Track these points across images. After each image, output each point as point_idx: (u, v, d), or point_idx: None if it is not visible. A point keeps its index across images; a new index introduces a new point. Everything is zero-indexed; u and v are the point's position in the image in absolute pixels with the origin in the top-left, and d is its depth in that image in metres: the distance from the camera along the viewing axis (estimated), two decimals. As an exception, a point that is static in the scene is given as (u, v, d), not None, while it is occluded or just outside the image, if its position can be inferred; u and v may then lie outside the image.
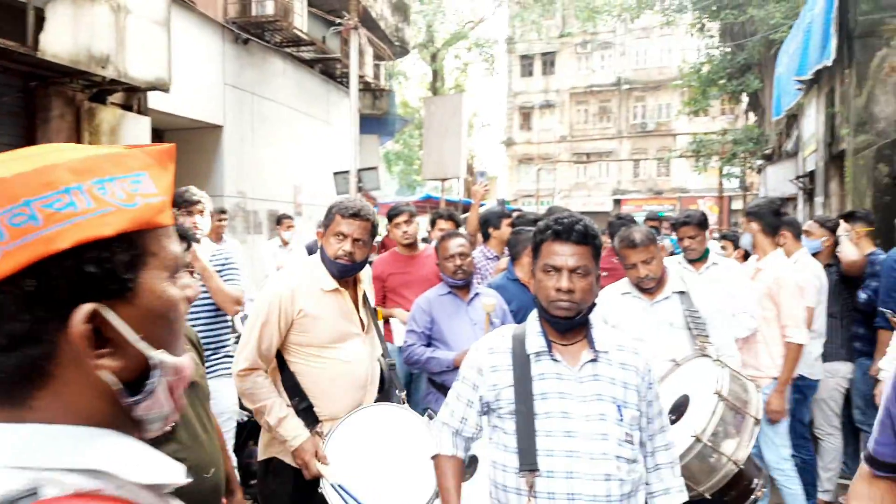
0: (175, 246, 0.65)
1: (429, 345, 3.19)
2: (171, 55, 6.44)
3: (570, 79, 32.39)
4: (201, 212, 3.38)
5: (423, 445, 2.11)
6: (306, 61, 11.05)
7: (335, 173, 9.74)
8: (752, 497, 2.30)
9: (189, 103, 7.98)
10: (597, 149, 32.06)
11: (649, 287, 2.81)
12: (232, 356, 3.34)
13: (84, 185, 0.57)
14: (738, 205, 23.99)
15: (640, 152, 31.42)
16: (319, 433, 2.32)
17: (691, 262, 3.72)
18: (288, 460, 2.35)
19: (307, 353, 2.38)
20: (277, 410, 2.30)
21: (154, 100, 6.92)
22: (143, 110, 6.83)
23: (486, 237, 4.65)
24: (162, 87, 6.39)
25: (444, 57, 26.39)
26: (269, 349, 2.35)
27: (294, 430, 2.29)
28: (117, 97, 6.47)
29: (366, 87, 12.60)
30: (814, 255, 3.94)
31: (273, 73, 10.12)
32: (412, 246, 4.22)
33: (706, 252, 3.73)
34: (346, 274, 2.43)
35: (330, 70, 11.81)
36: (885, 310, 3.30)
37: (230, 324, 3.40)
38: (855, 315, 3.87)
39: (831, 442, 3.85)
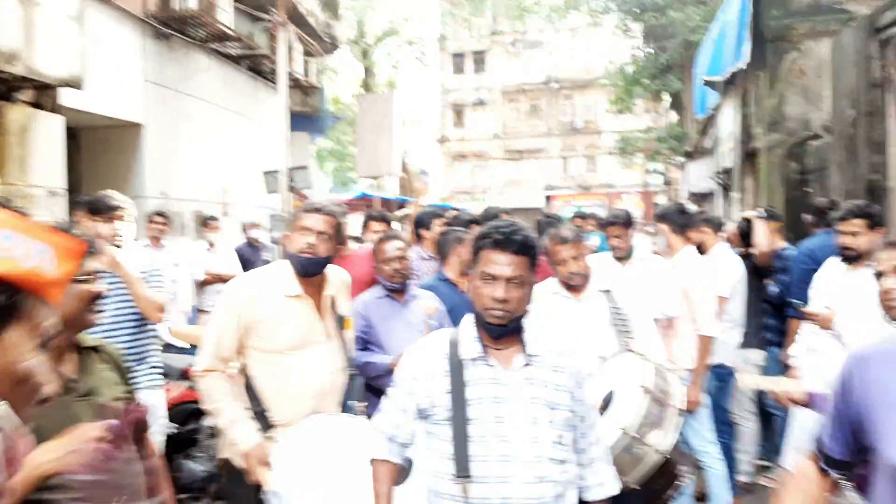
0: (49, 319, 0.66)
1: (365, 349, 3.18)
2: (87, 51, 6.12)
3: (502, 77, 32.84)
4: (121, 217, 3.25)
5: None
6: (233, 57, 10.71)
7: (265, 172, 9.51)
8: (678, 482, 2.41)
9: (106, 101, 7.60)
10: (528, 146, 32.66)
11: (578, 284, 2.90)
12: (158, 367, 3.22)
13: None
14: (662, 200, 25.01)
15: (568, 149, 32.24)
16: (271, 438, 2.31)
17: (618, 259, 3.86)
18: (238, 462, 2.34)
19: (264, 358, 2.40)
20: (229, 413, 2.32)
21: (69, 97, 6.54)
22: (55, 109, 6.45)
23: (419, 238, 4.65)
24: (74, 85, 6.07)
25: (374, 53, 26.21)
26: (226, 352, 2.38)
27: (243, 434, 2.29)
28: (27, 95, 6.10)
29: (295, 84, 12.34)
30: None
31: (197, 70, 9.76)
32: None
33: (631, 250, 3.88)
34: (309, 268, 2.41)
35: (258, 67, 11.50)
36: (795, 301, 3.53)
37: (155, 332, 3.27)
38: (765, 306, 4.11)
39: (747, 426, 4.09)
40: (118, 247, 3.10)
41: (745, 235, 4.37)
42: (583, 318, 2.87)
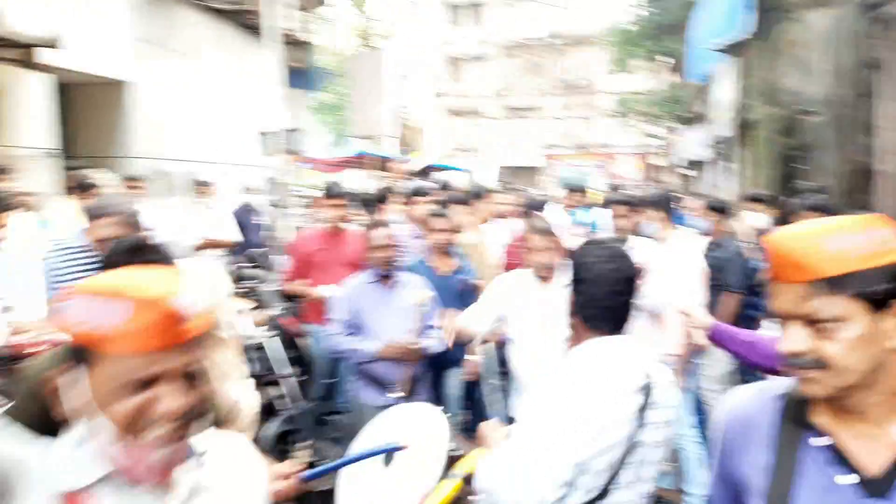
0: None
1: (353, 333, 3.22)
2: (71, 9, 5.96)
3: (503, 31, 32.08)
4: (98, 193, 3.27)
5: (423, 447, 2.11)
6: (223, 12, 10.42)
7: (262, 133, 9.36)
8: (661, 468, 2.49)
9: (92, 58, 7.44)
10: (528, 104, 32.19)
11: (545, 275, 2.97)
12: None
13: None
14: (658, 162, 24.88)
15: (567, 108, 31.78)
16: None
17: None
18: None
19: None
20: None
21: (55, 56, 6.40)
22: (41, 67, 6.32)
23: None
24: (53, 44, 5.90)
25: (366, 4, 25.51)
26: None
27: None
28: (10, 53, 5.96)
29: (288, 40, 12.04)
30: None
31: (185, 26, 9.51)
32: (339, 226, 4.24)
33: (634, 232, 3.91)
34: None
35: (249, 22, 11.19)
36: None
37: None
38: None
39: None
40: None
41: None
42: (551, 306, 2.91)
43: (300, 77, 13.15)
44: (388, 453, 2.11)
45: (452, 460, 2.48)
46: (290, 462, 1.68)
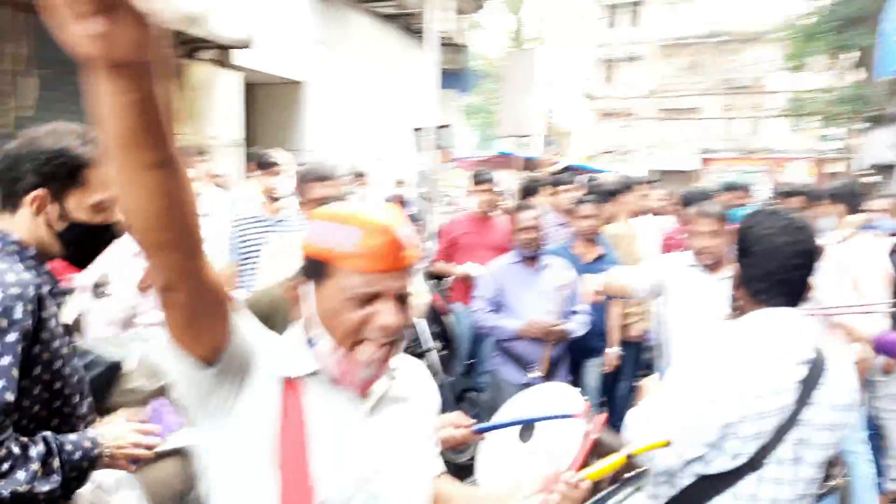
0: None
1: (494, 312, 3.32)
2: (259, 14, 6.68)
3: (659, 30, 30.73)
4: (279, 172, 3.60)
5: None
6: (386, 16, 11.07)
7: (414, 129, 9.83)
8: (832, 483, 2.29)
9: (275, 60, 8.26)
10: (684, 104, 30.53)
11: (707, 262, 2.83)
12: None
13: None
14: (835, 169, 22.42)
15: (730, 109, 29.68)
16: None
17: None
18: None
19: None
20: None
21: (246, 58, 7.22)
22: (234, 67, 7.17)
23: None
24: (244, 45, 6.65)
25: (522, 7, 25.62)
26: None
27: None
28: (209, 54, 6.81)
29: (445, 42, 12.48)
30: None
31: (354, 30, 10.23)
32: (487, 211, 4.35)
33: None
34: None
35: (410, 25, 11.78)
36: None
37: None
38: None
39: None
40: (276, 199, 3.51)
41: None
42: (714, 296, 2.79)
43: (453, 78, 13.58)
44: (530, 425, 2.15)
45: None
46: (460, 413, 1.78)
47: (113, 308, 2.67)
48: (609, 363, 3.80)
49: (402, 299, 1.03)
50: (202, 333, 0.93)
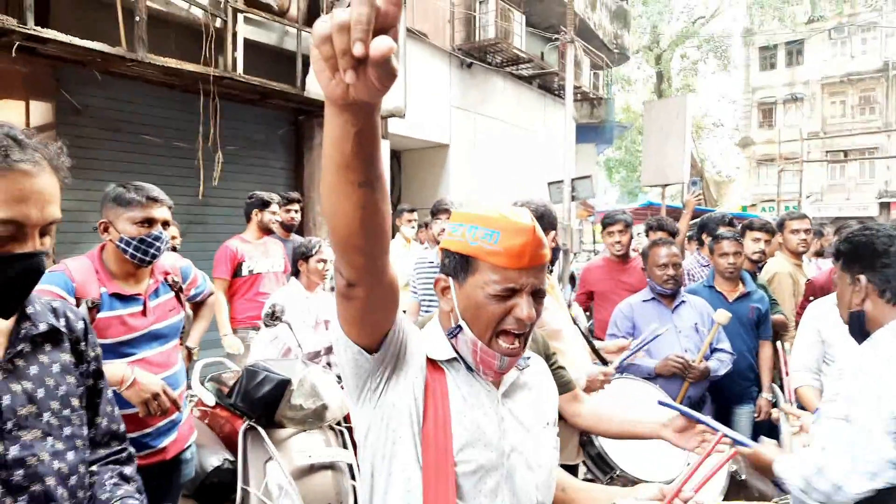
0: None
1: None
2: (407, 84, 7.31)
3: (822, 68, 28.58)
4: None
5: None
6: (524, 77, 11.53)
7: (549, 183, 10.01)
8: None
9: (421, 126, 8.91)
10: (856, 145, 27.79)
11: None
12: None
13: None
14: None
15: (915, 146, 26.49)
16: None
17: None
18: None
19: None
20: None
21: (392, 124, 7.90)
22: (384, 135, 7.88)
23: (701, 244, 4.55)
24: (399, 114, 7.29)
25: (671, 58, 25.20)
26: None
27: None
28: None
29: (583, 97, 12.68)
30: None
31: (493, 92, 10.77)
32: (624, 255, 4.30)
33: None
34: None
35: (547, 84, 12.15)
36: None
37: None
38: None
39: None
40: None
41: None
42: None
43: (592, 132, 13.68)
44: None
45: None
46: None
47: (282, 338, 3.05)
48: (764, 411, 3.53)
49: (536, 294, 1.12)
50: (372, 326, 1.02)
